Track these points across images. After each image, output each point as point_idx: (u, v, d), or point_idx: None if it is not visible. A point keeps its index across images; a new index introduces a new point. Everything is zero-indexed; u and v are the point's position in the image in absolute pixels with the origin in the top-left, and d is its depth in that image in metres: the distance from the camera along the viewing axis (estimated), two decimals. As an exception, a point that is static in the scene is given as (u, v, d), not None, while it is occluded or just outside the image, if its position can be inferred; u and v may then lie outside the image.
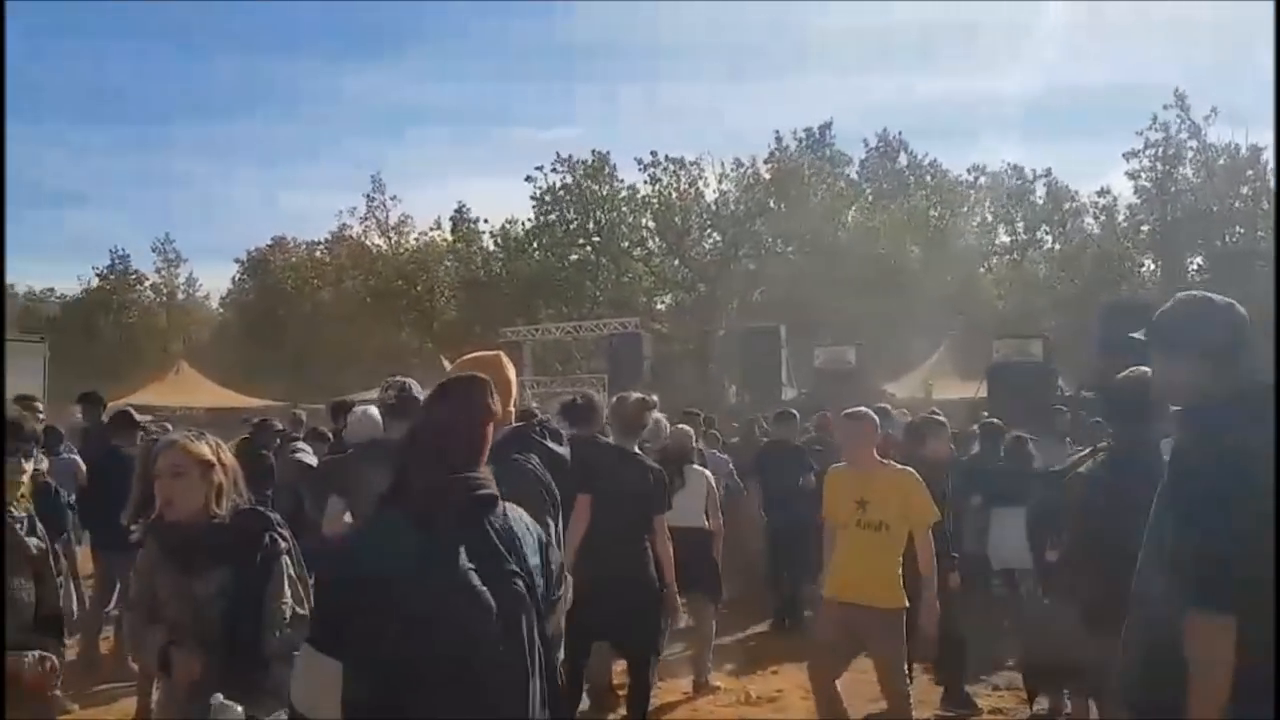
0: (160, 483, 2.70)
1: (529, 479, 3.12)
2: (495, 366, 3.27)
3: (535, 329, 27.72)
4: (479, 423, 2.26)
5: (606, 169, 39.59)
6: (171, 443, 2.75)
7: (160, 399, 22.67)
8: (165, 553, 2.71)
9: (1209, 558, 2.30)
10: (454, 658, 2.10)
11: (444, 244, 42.96)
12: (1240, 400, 2.42)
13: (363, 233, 42.95)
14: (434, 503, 2.17)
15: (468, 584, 2.12)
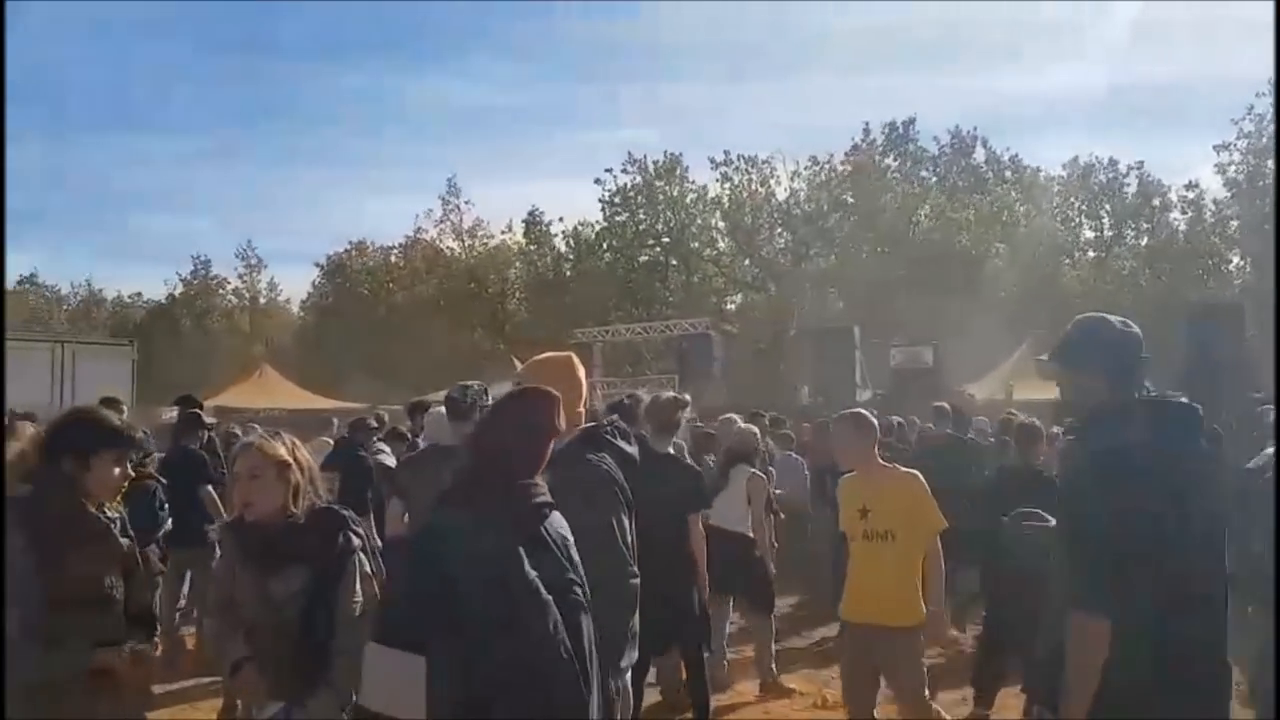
0: (239, 485, 2.76)
1: (604, 479, 3.09)
2: (566, 368, 3.27)
3: (605, 330, 27.76)
4: (543, 437, 2.29)
5: (678, 170, 39.57)
6: (248, 445, 2.79)
7: (244, 401, 23.25)
8: (244, 553, 2.74)
9: (1086, 562, 2.45)
10: (520, 662, 2.11)
11: (516, 246, 43.39)
12: (1127, 411, 2.58)
13: (437, 236, 43.63)
14: (496, 507, 2.19)
15: (534, 589, 2.13)
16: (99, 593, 2.70)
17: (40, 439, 2.81)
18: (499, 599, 2.12)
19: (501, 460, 2.26)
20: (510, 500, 2.21)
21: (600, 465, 3.13)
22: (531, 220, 43.17)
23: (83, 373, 15.53)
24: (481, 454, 2.31)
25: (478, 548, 2.15)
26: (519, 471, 2.25)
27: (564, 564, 2.22)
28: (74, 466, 2.72)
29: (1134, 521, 2.39)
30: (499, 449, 2.27)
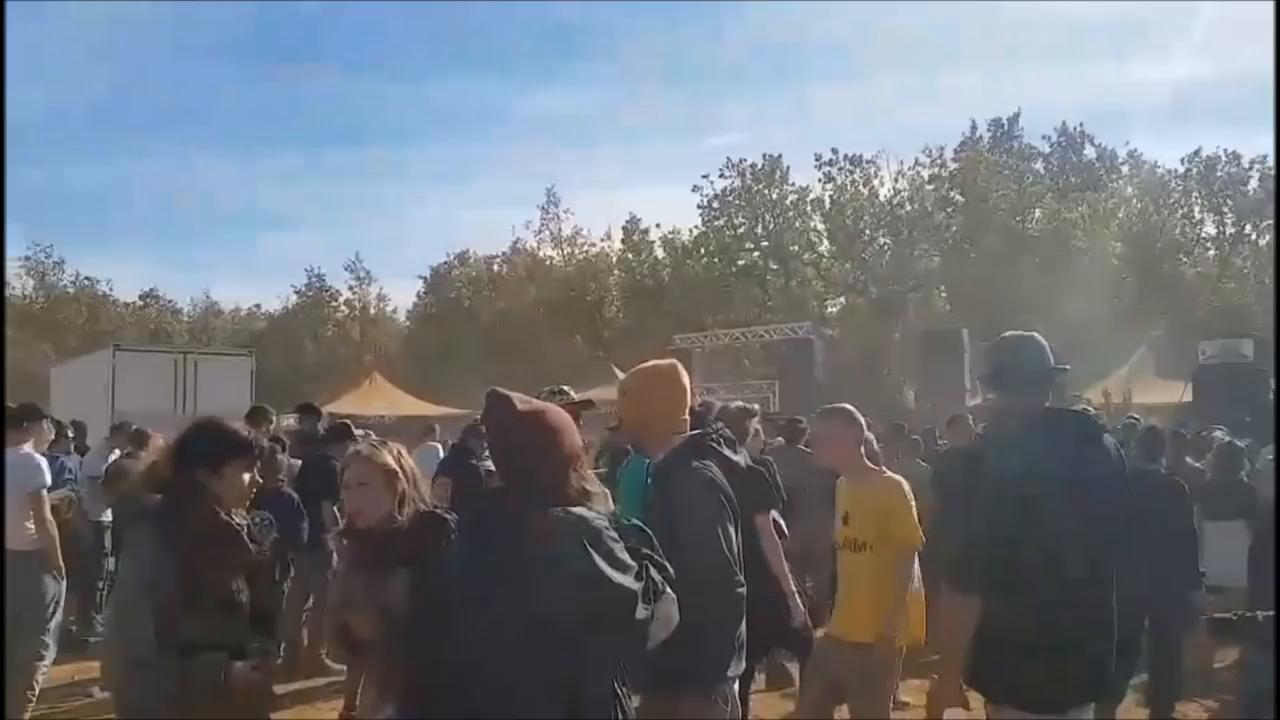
0: (348, 493, 2.82)
1: (709, 487, 3.03)
2: (670, 376, 3.26)
3: (704, 336, 27.66)
4: (512, 437, 2.36)
5: (778, 172, 39.27)
6: (357, 454, 2.87)
7: (356, 408, 23.92)
8: (357, 558, 2.82)
9: (959, 545, 2.94)
10: (476, 662, 2.16)
11: (614, 254, 43.68)
12: (1025, 420, 3.01)
13: (537, 245, 44.23)
14: (470, 520, 2.34)
15: (478, 604, 2.17)
16: (228, 597, 2.80)
17: (172, 450, 2.91)
18: (463, 602, 2.21)
19: (501, 465, 2.38)
20: (494, 506, 2.29)
21: (705, 473, 3.08)
22: (630, 227, 43.48)
23: (204, 382, 16.14)
24: (502, 461, 2.43)
25: (455, 555, 2.33)
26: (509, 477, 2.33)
27: (526, 580, 2.19)
28: (207, 476, 2.84)
29: (1000, 513, 2.81)
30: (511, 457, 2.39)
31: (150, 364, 16.29)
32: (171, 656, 2.65)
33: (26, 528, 5.48)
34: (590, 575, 2.17)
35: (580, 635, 2.16)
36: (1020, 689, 2.82)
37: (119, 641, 2.76)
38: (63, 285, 44.93)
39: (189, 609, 2.69)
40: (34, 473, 5.52)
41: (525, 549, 2.21)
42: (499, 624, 2.16)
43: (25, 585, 5.47)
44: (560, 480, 2.30)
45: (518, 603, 2.15)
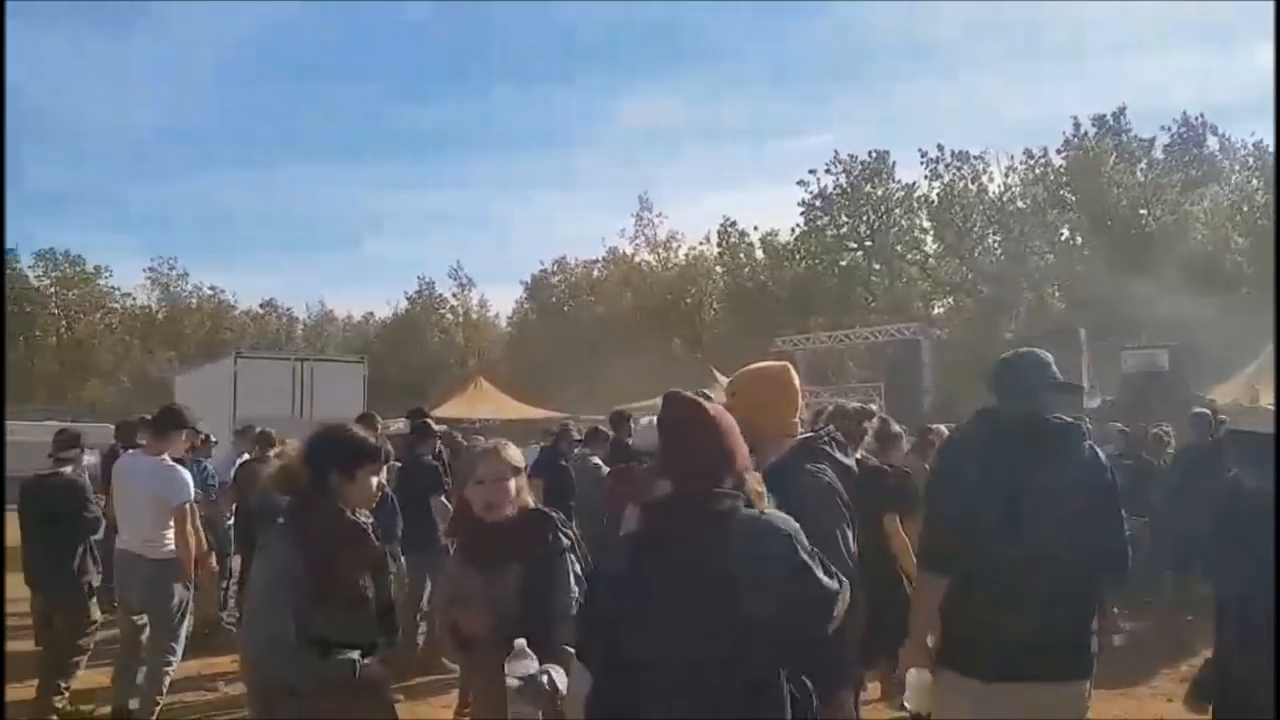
0: (484, 488, 2.84)
1: (825, 490, 2.97)
2: (782, 377, 3.21)
3: (806, 338, 27.27)
4: (700, 438, 2.29)
5: (884, 169, 38.58)
6: (492, 450, 2.92)
7: (462, 411, 24.40)
8: (469, 554, 2.86)
9: (928, 530, 3.33)
10: (667, 678, 2.12)
11: (712, 257, 43.58)
12: (979, 417, 3.40)
13: (633, 251, 44.43)
14: (656, 519, 2.25)
15: (678, 607, 2.13)
16: (357, 594, 2.89)
17: (304, 453, 3.01)
18: (641, 615, 2.15)
19: (669, 468, 2.32)
20: (673, 509, 2.23)
21: (821, 476, 3.02)
22: (726, 230, 43.36)
23: (320, 387, 16.64)
24: (662, 463, 2.37)
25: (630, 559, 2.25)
26: (689, 478, 2.26)
27: (728, 579, 2.15)
28: (338, 479, 2.92)
29: (953, 501, 3.16)
30: (664, 458, 2.35)
31: (270, 370, 16.88)
32: (306, 652, 2.74)
33: (164, 536, 5.55)
34: (801, 575, 2.19)
35: (779, 635, 2.16)
36: (976, 660, 3.07)
37: (255, 637, 2.85)
38: (186, 296, 47.17)
39: (321, 606, 2.78)
40: (180, 487, 5.56)
41: (734, 549, 2.17)
42: (698, 625, 2.13)
43: (158, 591, 5.58)
44: (742, 481, 2.30)
45: (723, 603, 2.12)
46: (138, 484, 5.66)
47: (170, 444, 5.70)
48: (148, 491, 5.59)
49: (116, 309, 45.66)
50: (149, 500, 5.56)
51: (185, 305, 46.86)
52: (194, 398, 17.54)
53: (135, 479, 5.69)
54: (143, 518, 5.58)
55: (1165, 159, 37.57)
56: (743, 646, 2.12)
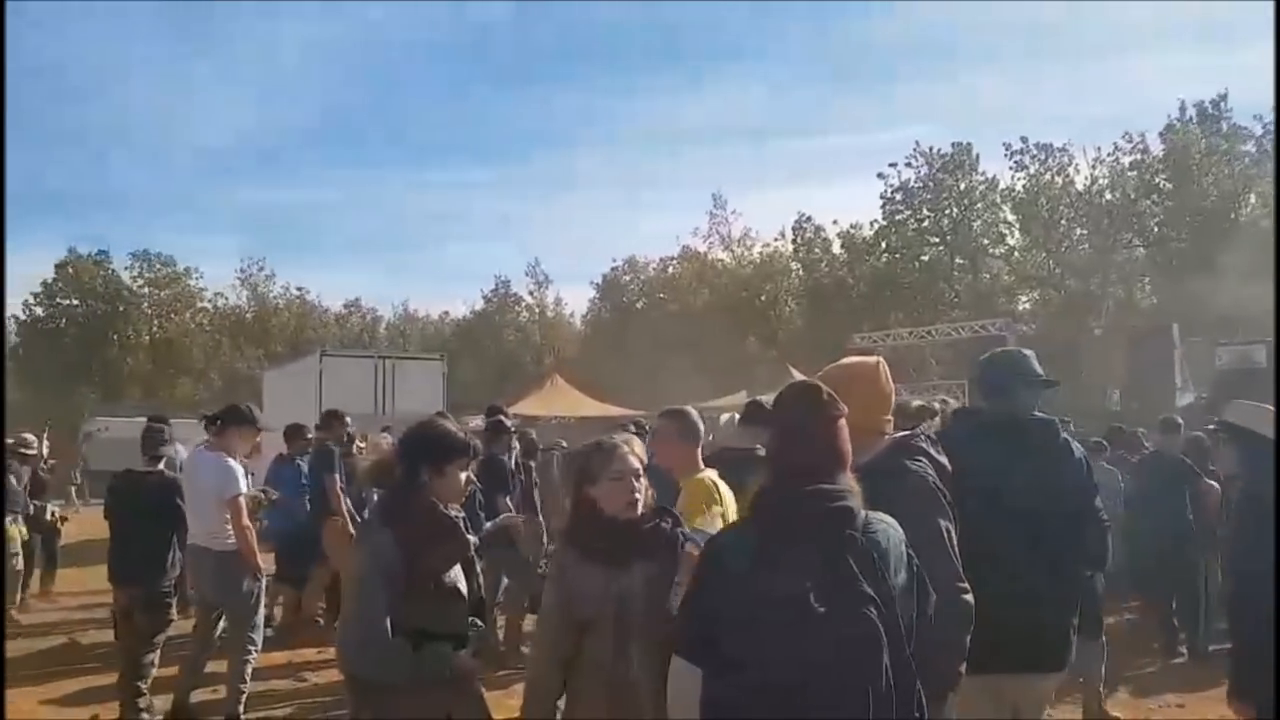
0: (621, 484, 2.77)
1: (930, 488, 2.87)
2: (873, 373, 3.10)
3: (885, 335, 26.74)
4: (821, 431, 2.25)
5: (967, 161, 37.75)
6: (623, 447, 2.84)
7: (538, 409, 24.58)
8: (588, 551, 2.75)
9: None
10: (787, 683, 2.06)
11: (787, 253, 43.16)
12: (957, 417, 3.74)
13: (707, 248, 44.25)
14: (779, 516, 2.18)
15: (804, 608, 2.05)
16: (450, 587, 2.92)
17: (399, 449, 3.06)
18: (764, 615, 2.09)
19: (787, 464, 2.26)
20: (798, 508, 2.16)
21: (927, 475, 2.90)
22: (800, 226, 42.93)
23: (402, 384, 16.96)
24: (772, 459, 2.31)
25: (751, 559, 2.16)
26: (807, 474, 2.20)
27: (857, 577, 2.09)
28: (430, 474, 2.95)
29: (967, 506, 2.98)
30: (781, 452, 2.29)
31: (354, 368, 17.25)
32: (399, 646, 2.76)
33: (225, 529, 5.69)
34: (915, 576, 2.19)
35: (897, 635, 2.12)
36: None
37: (350, 631, 2.87)
38: (273, 296, 48.52)
39: (416, 598, 2.81)
40: (230, 481, 5.69)
41: (857, 549, 2.14)
42: (820, 624, 2.08)
43: (227, 583, 5.72)
44: (849, 480, 2.25)
45: (846, 602, 2.08)
46: (199, 478, 5.79)
47: (230, 440, 5.81)
48: (208, 486, 5.72)
49: (207, 308, 47.21)
50: (209, 494, 5.69)
51: (273, 305, 48.20)
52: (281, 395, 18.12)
53: (197, 473, 5.83)
54: (206, 511, 5.70)
55: (1256, 150, 35.98)
56: (864, 647, 2.07)
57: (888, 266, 38.53)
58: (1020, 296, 37.93)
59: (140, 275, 45.56)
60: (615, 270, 48.01)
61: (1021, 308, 36.62)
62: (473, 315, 49.86)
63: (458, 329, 49.76)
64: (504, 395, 26.54)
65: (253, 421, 5.96)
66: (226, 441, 5.80)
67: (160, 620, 5.89)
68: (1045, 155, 36.66)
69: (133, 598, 5.90)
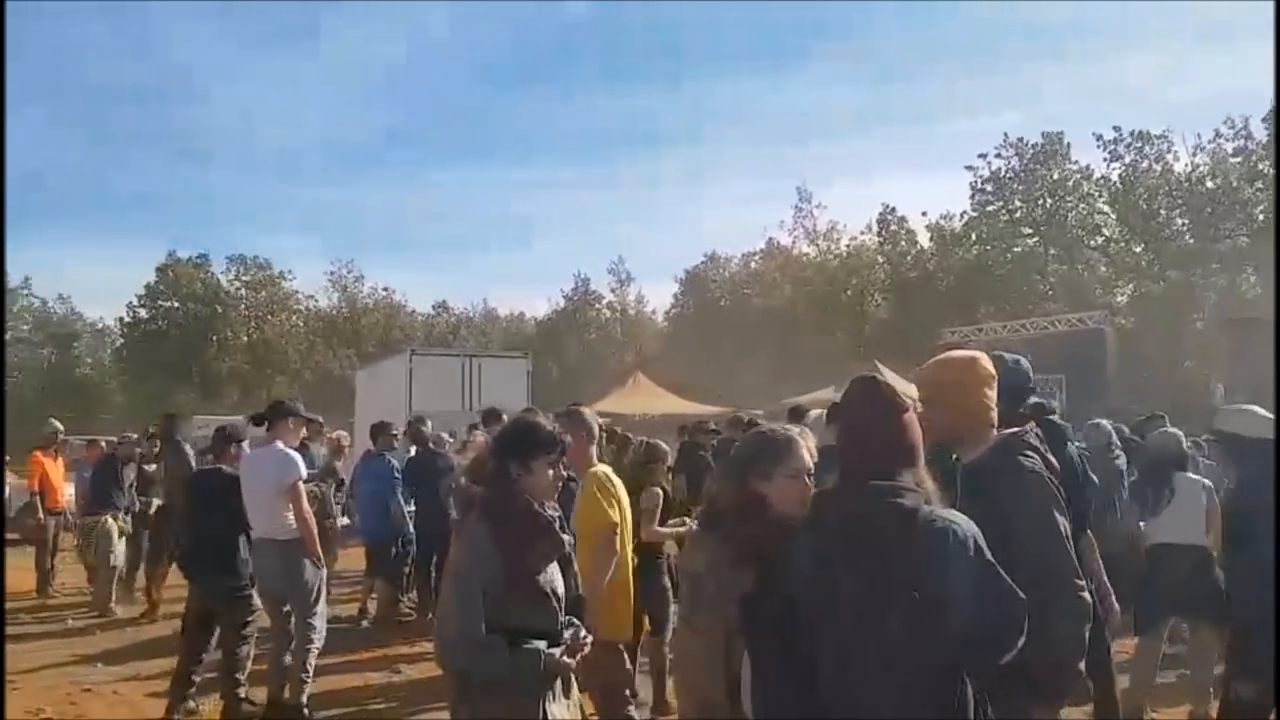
0: (794, 482, 2.69)
1: (1046, 483, 2.75)
2: (977, 366, 2.97)
3: (977, 329, 26.06)
4: (880, 427, 2.21)
5: (1059, 150, 36.60)
6: (799, 441, 2.77)
7: (620, 407, 24.59)
8: (746, 553, 2.63)
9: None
10: (835, 680, 2.07)
11: (874, 246, 42.46)
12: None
13: (792, 243, 43.77)
14: (835, 514, 2.18)
15: (855, 606, 2.05)
16: (544, 584, 2.88)
17: (491, 445, 3.05)
18: (812, 613, 2.09)
19: (847, 462, 2.23)
20: (839, 506, 2.15)
21: (1039, 470, 2.79)
22: (885, 218, 42.17)
23: (487, 382, 17.15)
24: (839, 457, 2.28)
25: (805, 557, 2.15)
26: (862, 470, 2.17)
27: (909, 579, 2.05)
28: (517, 470, 2.93)
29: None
30: (843, 450, 2.26)
31: (441, 366, 17.51)
32: (497, 640, 2.75)
33: (286, 518, 5.76)
34: (987, 577, 2.11)
35: (964, 637, 2.06)
36: None
37: (446, 626, 2.87)
38: (363, 297, 49.69)
39: (511, 596, 2.79)
40: (289, 468, 5.75)
41: (919, 547, 2.08)
42: (878, 622, 2.06)
43: (287, 571, 5.78)
44: (920, 478, 2.20)
45: (903, 602, 2.05)
46: (255, 471, 5.88)
47: (281, 433, 5.91)
48: (264, 477, 5.80)
49: (301, 310, 48.58)
50: (269, 485, 5.76)
51: (363, 306, 49.36)
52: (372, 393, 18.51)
53: (253, 467, 5.93)
54: (265, 502, 5.78)
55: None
56: (922, 647, 2.04)
57: (978, 259, 37.58)
58: (1117, 288, 36.64)
59: (237, 278, 47.12)
60: (699, 266, 47.92)
61: (1119, 300, 35.35)
62: (554, 314, 50.29)
63: (538, 328, 50.24)
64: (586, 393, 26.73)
65: (297, 413, 6.08)
66: (277, 436, 5.91)
67: (242, 612, 6.02)
68: (1141, 143, 35.34)
69: (205, 593, 6.09)
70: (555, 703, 2.87)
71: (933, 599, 2.03)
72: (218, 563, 6.01)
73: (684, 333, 46.69)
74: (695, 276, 47.95)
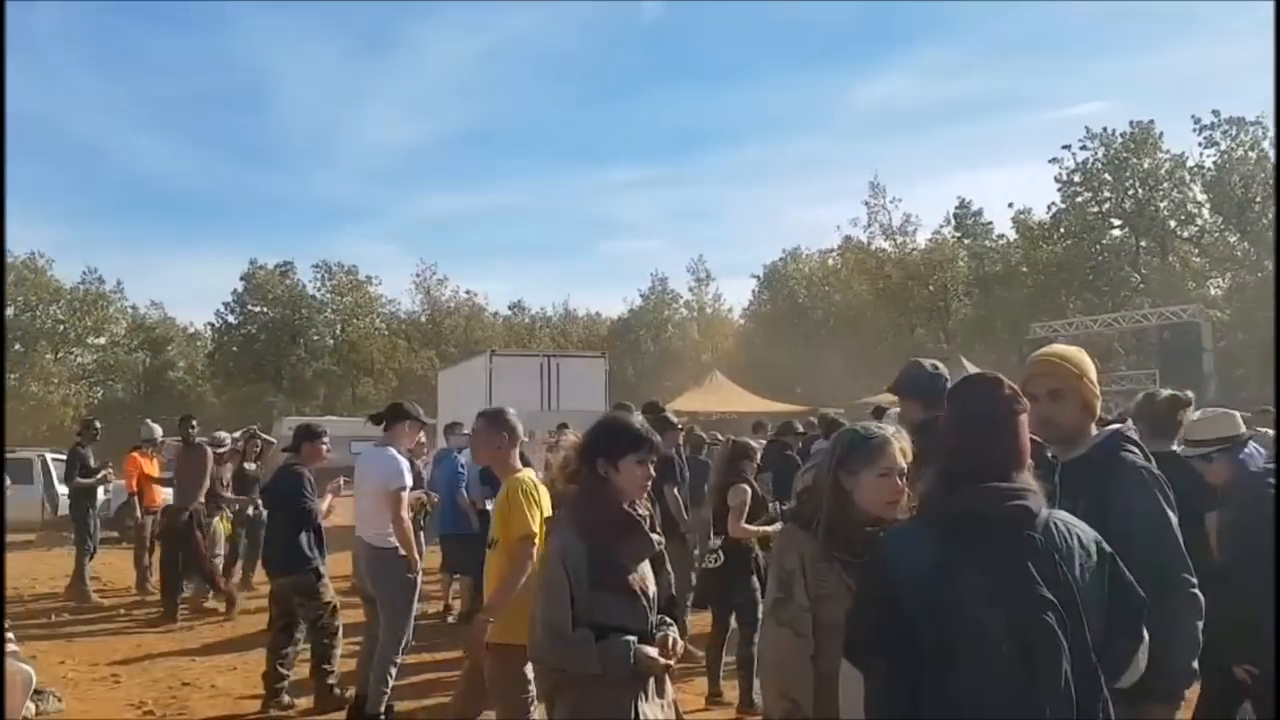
0: (884, 481, 2.67)
1: (1153, 478, 2.69)
2: (1089, 362, 2.92)
3: (1066, 323, 25.35)
4: (998, 426, 2.15)
5: (1149, 139, 35.36)
6: (893, 442, 2.73)
7: (699, 405, 24.56)
8: (843, 552, 2.65)
9: None
10: (961, 689, 2.00)
11: (954, 240, 41.61)
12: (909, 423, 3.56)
13: (868, 239, 43.14)
14: (953, 517, 2.10)
15: (980, 612, 1.99)
16: (633, 582, 2.88)
17: (581, 444, 3.04)
18: (937, 619, 2.01)
19: (959, 461, 2.15)
20: (972, 506, 2.07)
21: (1145, 465, 2.73)
22: (962, 212, 41.31)
23: (566, 381, 17.30)
24: (945, 454, 2.20)
25: (926, 559, 2.06)
26: (983, 471, 2.09)
27: (1036, 579, 2.00)
28: (605, 468, 2.93)
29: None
30: (953, 448, 2.18)
31: (520, 366, 17.73)
32: (585, 636, 2.76)
33: (384, 523, 5.76)
34: (1115, 577, 2.09)
35: (1086, 639, 2.02)
36: None
37: (536, 623, 2.88)
38: (445, 299, 50.56)
39: (600, 593, 2.80)
40: (393, 474, 5.78)
41: (1044, 549, 2.05)
42: (1004, 626, 2.01)
43: (376, 577, 5.82)
44: (1029, 479, 2.14)
45: (1030, 604, 2.00)
46: (364, 471, 5.96)
47: (397, 435, 5.95)
48: (371, 478, 5.86)
49: (385, 313, 49.65)
50: (377, 488, 5.81)
51: (445, 308, 50.21)
52: (454, 393, 18.81)
53: (364, 467, 6.00)
54: (368, 504, 5.84)
55: None
56: (1044, 653, 1.98)
57: (1066, 252, 36.53)
58: (1212, 281, 35.26)
59: (323, 283, 48.37)
60: (777, 262, 47.52)
61: (1214, 292, 34.00)
62: (631, 313, 50.46)
63: (614, 327, 50.45)
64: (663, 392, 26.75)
65: (415, 416, 6.10)
66: (393, 437, 5.95)
67: (315, 603, 6.14)
68: (1236, 129, 33.94)
69: (283, 584, 6.28)
70: (648, 702, 2.85)
71: (1065, 601, 1.99)
72: (284, 558, 6.22)
73: (762, 330, 46.40)
74: (774, 273, 47.57)
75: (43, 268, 44.29)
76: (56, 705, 6.06)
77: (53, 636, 8.40)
